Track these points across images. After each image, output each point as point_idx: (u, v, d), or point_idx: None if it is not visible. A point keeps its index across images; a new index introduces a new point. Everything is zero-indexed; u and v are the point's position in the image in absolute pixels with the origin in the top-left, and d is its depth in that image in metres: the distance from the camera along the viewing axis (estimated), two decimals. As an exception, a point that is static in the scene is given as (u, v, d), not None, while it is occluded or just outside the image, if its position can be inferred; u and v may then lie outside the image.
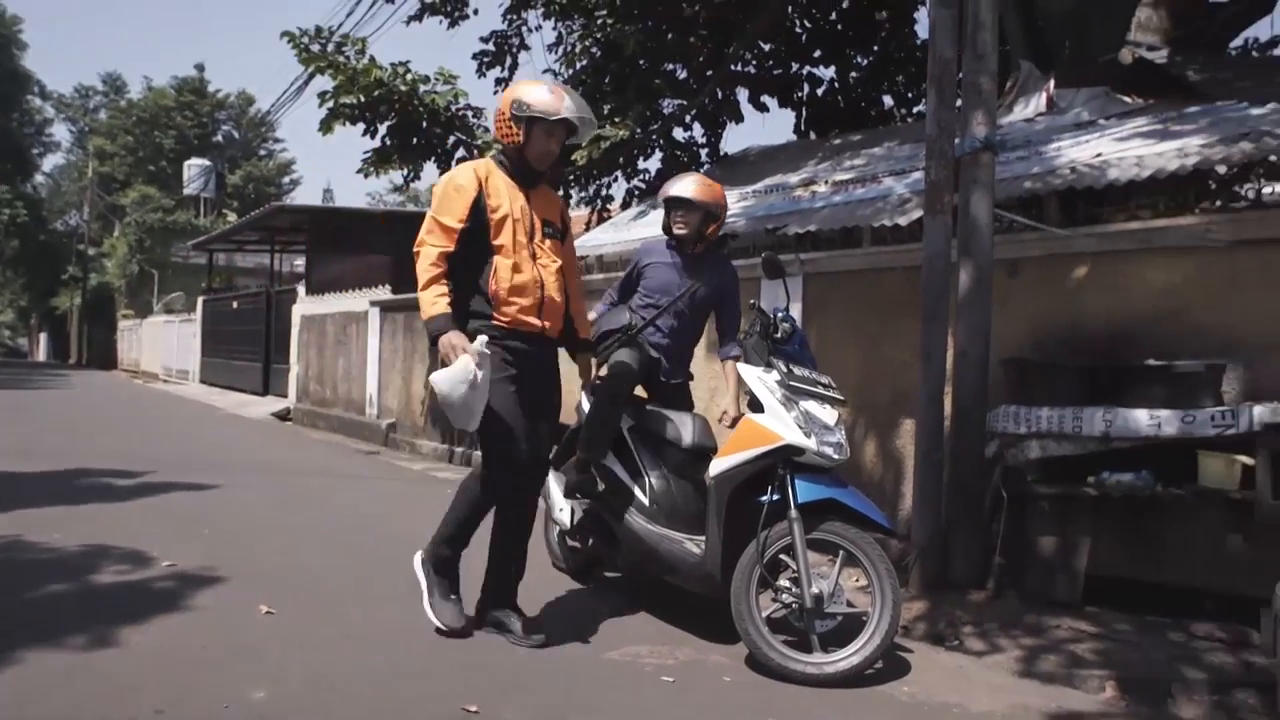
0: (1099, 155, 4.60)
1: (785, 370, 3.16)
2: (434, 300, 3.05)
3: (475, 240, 3.10)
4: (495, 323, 3.12)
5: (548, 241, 3.25)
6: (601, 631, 3.41)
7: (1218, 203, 4.91)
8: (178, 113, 37.15)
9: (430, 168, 8.28)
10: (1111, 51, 5.85)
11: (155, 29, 72.99)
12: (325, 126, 7.72)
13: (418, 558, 3.40)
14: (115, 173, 36.26)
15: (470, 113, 7.99)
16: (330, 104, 7.61)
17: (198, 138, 37.46)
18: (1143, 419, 3.39)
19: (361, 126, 7.80)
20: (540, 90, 3.17)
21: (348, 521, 5.47)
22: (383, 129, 7.84)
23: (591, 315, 4.03)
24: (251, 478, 7.00)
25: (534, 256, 3.19)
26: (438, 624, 3.22)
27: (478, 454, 3.98)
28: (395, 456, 9.22)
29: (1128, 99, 5.51)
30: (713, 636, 3.30)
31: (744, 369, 3.29)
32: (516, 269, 3.13)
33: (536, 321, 3.19)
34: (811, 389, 3.15)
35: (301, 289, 13.88)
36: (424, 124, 7.80)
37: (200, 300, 20.27)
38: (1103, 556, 3.51)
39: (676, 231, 3.91)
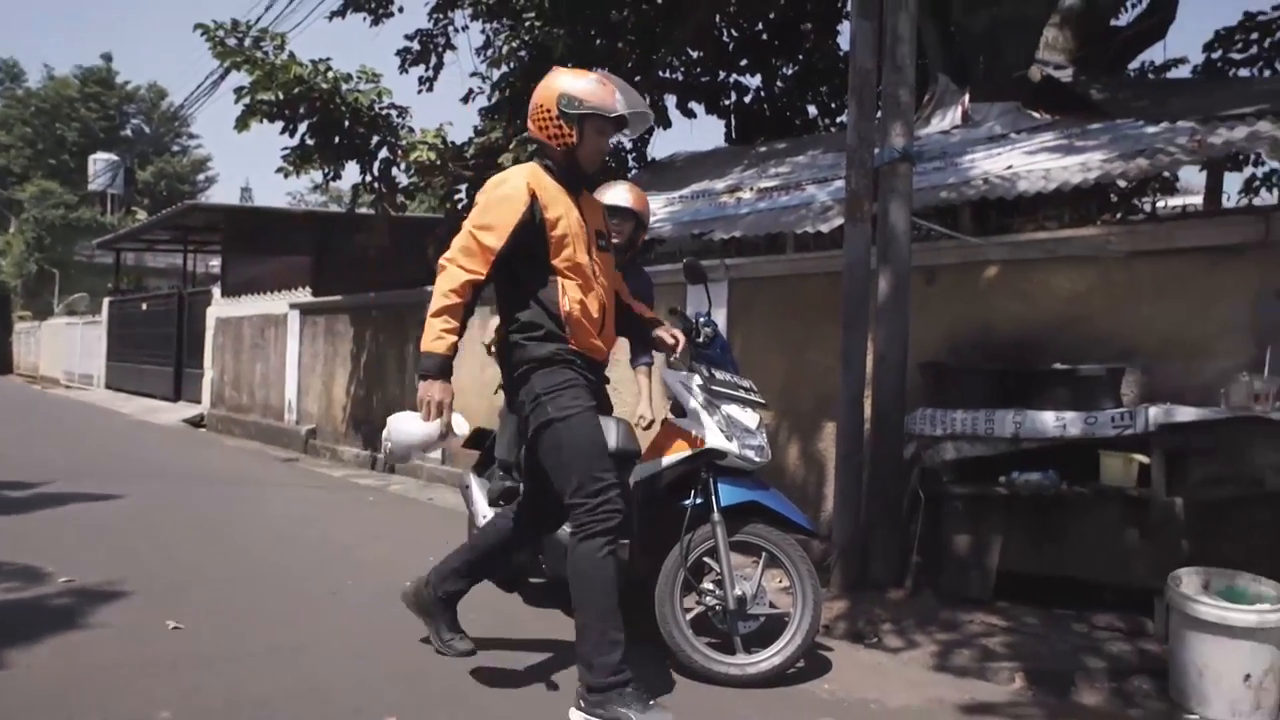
0: (1010, 167, 4.79)
1: (707, 374, 3.18)
2: (439, 334, 2.63)
3: (529, 256, 2.70)
4: (572, 348, 2.73)
5: (601, 255, 2.86)
6: (526, 639, 3.38)
7: (1118, 215, 5.17)
8: (82, 104, 35.40)
9: (352, 167, 8.10)
10: (1022, 69, 6.10)
11: (57, 14, 69.45)
12: (241, 124, 7.47)
13: (409, 596, 3.06)
14: (11, 165, 34.32)
15: (394, 112, 7.84)
16: (247, 100, 7.36)
17: (104, 131, 35.76)
18: (1049, 420, 3.53)
19: (280, 124, 7.58)
20: (589, 83, 2.74)
21: (264, 531, 5.30)
22: (303, 127, 7.62)
23: None
24: (160, 487, 6.71)
25: (594, 274, 2.79)
26: (457, 653, 2.96)
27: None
28: (315, 463, 8.97)
29: (1036, 114, 5.75)
30: (636, 641, 3.29)
31: (666, 373, 3.30)
32: (586, 289, 2.74)
33: (602, 347, 2.85)
34: (733, 393, 3.19)
35: (217, 290, 13.39)
36: (346, 123, 7.61)
37: (106, 301, 19.33)
38: (1013, 553, 3.64)
39: (613, 241, 3.92)
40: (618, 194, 3.89)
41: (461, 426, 2.72)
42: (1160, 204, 7.46)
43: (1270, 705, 2.69)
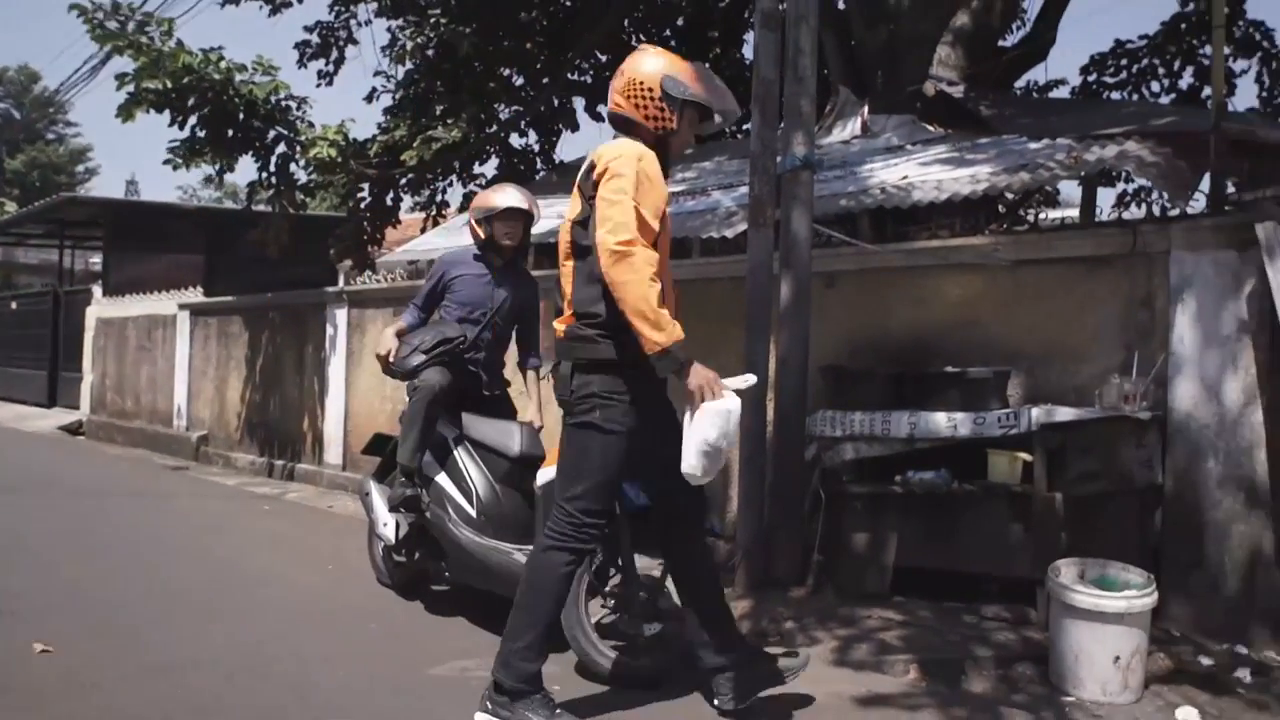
0: (905, 177, 4.98)
1: None
2: (670, 322, 2.43)
3: None
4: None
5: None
6: (428, 647, 3.31)
7: (1004, 225, 5.44)
8: (-57, 87, 32.85)
9: (248, 163, 7.76)
10: (917, 83, 6.35)
11: (-84, -9, 64.01)
12: (125, 113, 7.06)
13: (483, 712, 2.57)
14: None
15: (293, 105, 7.55)
16: (131, 88, 6.96)
17: (-31, 117, 33.27)
18: (941, 421, 3.69)
19: (168, 115, 7.19)
20: (694, 70, 2.63)
21: (151, 544, 5.02)
22: (193, 119, 7.26)
23: (402, 325, 3.99)
24: (32, 499, 6.28)
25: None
26: None
27: (302, 468, 3.78)
28: (207, 471, 8.56)
29: (931, 128, 6.00)
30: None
31: None
32: (668, 291, 2.58)
33: None
34: None
35: (98, 289, 12.63)
36: (240, 116, 7.29)
37: (-29, 300, 17.97)
38: (909, 549, 3.78)
39: (505, 242, 3.94)
40: (510, 197, 3.93)
41: (749, 379, 2.61)
42: (1044, 216, 7.90)
43: (1136, 684, 2.89)
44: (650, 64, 2.61)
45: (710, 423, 2.45)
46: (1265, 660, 3.19)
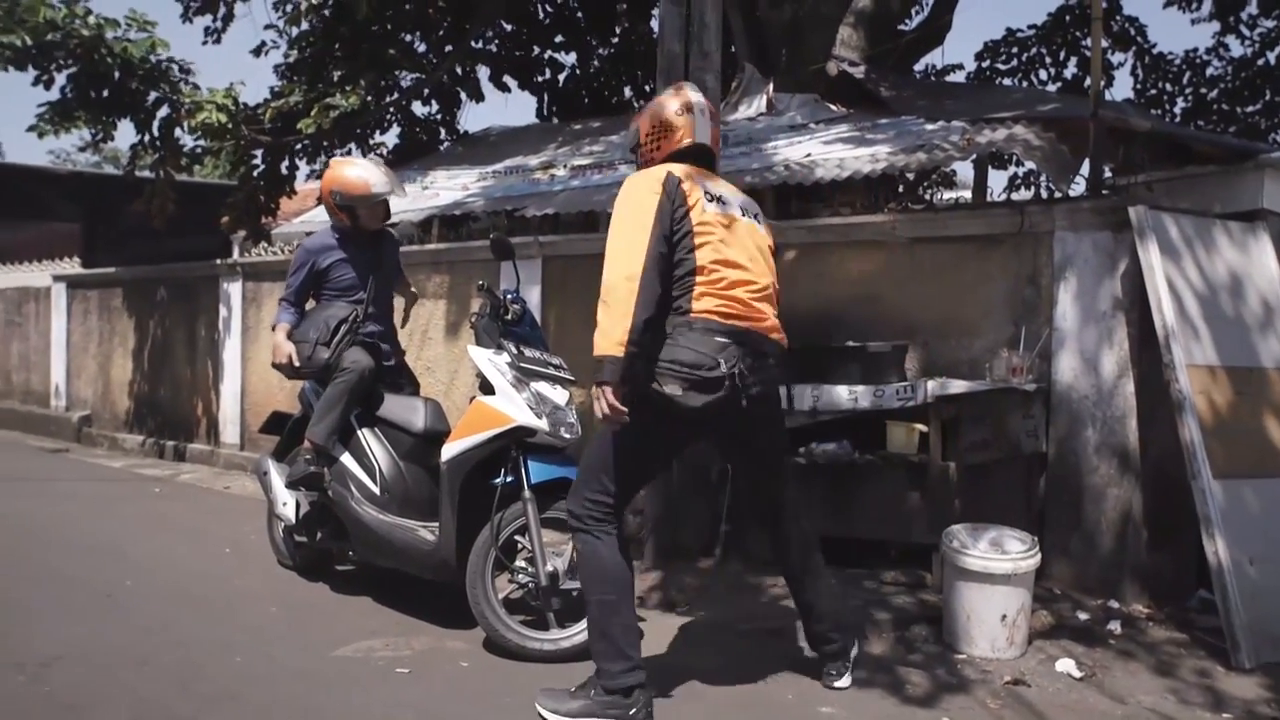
0: (809, 155, 5.07)
1: (515, 352, 3.16)
2: None
3: None
4: None
5: None
6: (332, 629, 3.23)
7: (902, 204, 5.61)
8: None
9: (126, 126, 7.26)
10: (820, 63, 6.46)
11: None
12: (-18, 70, 6.49)
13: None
14: None
15: (176, 67, 7.09)
16: (-14, 43, 6.38)
17: None
18: (843, 394, 3.79)
19: (32, 75, 6.65)
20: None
21: (22, 530, 4.71)
22: (61, 79, 6.73)
23: (286, 326, 3.81)
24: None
25: None
26: None
27: (195, 448, 3.62)
28: (90, 454, 8.08)
29: (834, 107, 6.12)
30: (450, 623, 3.25)
31: (474, 351, 3.24)
32: None
33: None
34: (542, 370, 3.18)
35: (-41, 260, 11.68)
36: (116, 76, 6.79)
37: None
38: (814, 517, 3.84)
39: (372, 226, 3.90)
40: (379, 182, 3.82)
41: None
42: (940, 196, 8.19)
43: (1021, 640, 3.06)
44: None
45: None
46: (1133, 613, 3.43)
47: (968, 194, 7.70)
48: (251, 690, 2.66)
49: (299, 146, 7.88)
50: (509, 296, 3.29)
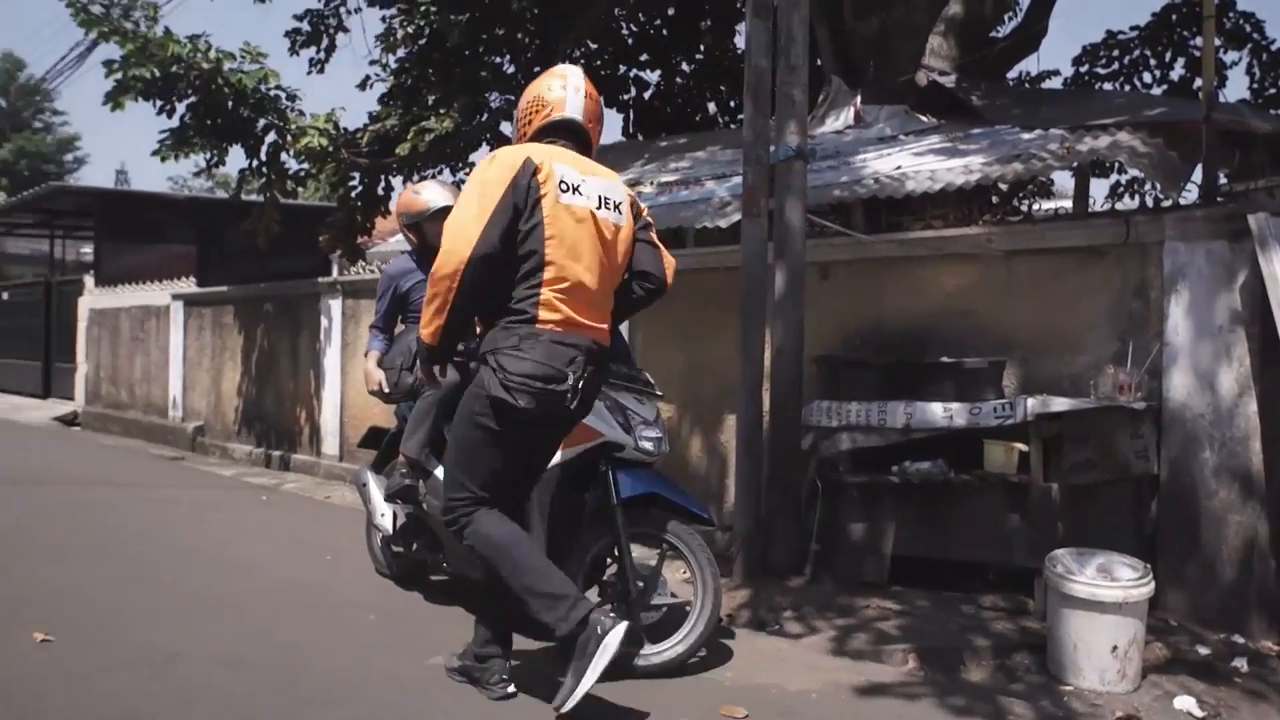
0: (899, 168, 4.98)
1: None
2: None
3: None
4: None
5: None
6: (426, 637, 3.31)
7: (998, 215, 5.44)
8: (-74, 75, 32.42)
9: (238, 152, 7.70)
10: (909, 73, 6.35)
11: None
12: (113, 101, 6.98)
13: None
14: None
15: (283, 95, 7.48)
16: (119, 76, 6.89)
17: (-47, 105, 32.84)
18: (938, 411, 3.70)
19: (157, 104, 7.13)
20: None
21: (146, 535, 5.00)
22: (181, 108, 7.19)
23: (376, 354, 4.00)
24: (27, 490, 6.26)
25: None
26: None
27: (299, 459, 3.79)
28: (203, 462, 8.54)
29: (924, 118, 6.00)
30: (540, 635, 3.28)
31: None
32: None
33: None
34: (630, 385, 3.19)
35: (90, 279, 12.53)
36: (230, 105, 7.22)
37: (-39, 291, 17.83)
38: (906, 539, 3.80)
39: (439, 244, 3.93)
40: (438, 195, 3.90)
41: None
42: (1037, 206, 7.91)
43: (1133, 673, 2.91)
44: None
45: None
46: (1261, 650, 3.22)
47: (1067, 204, 7.42)
48: (351, 695, 2.76)
49: (395, 168, 8.19)
50: None
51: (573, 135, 2.75)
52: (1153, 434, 3.57)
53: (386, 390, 3.87)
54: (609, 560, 3.14)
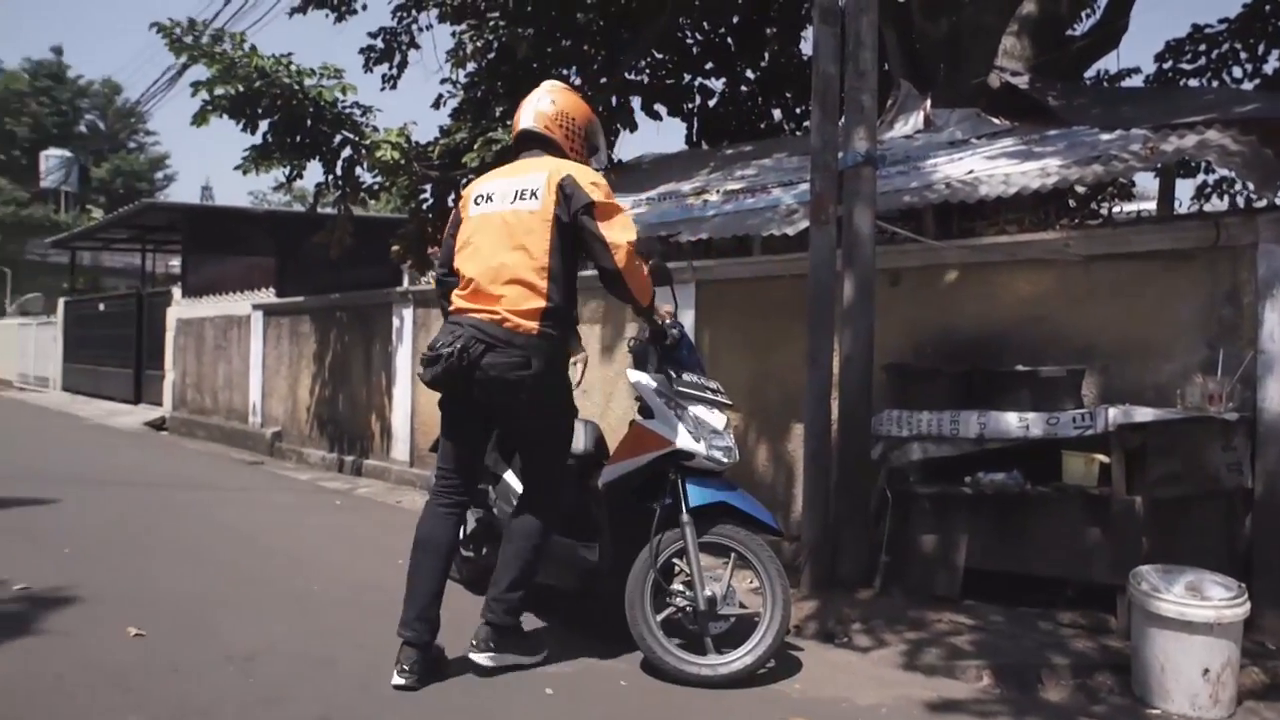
0: (971, 172, 4.87)
1: (674, 376, 3.20)
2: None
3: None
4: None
5: None
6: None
7: (1075, 219, 5.27)
8: (33, 98, 34.42)
9: (315, 166, 7.97)
10: (981, 75, 6.20)
11: (2, 5, 67.45)
12: (200, 119, 7.32)
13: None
14: (-40, 162, 33.29)
15: (358, 110, 7.73)
16: (205, 95, 7.22)
17: (57, 127, 34.79)
18: (1013, 421, 3.60)
19: (240, 121, 7.43)
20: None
21: (228, 536, 5.20)
22: (263, 125, 7.49)
23: None
24: (120, 491, 6.57)
25: None
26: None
27: (371, 464, 3.92)
28: (281, 466, 8.84)
29: (996, 120, 5.85)
30: (608, 643, 3.30)
31: (633, 374, 3.31)
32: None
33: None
34: (700, 394, 3.20)
35: (177, 291, 13.12)
36: (308, 121, 7.49)
37: (62, 301, 18.83)
38: (979, 552, 3.71)
39: None
40: None
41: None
42: (1117, 209, 7.63)
43: (1227, 698, 2.77)
44: (582, 106, 3.29)
45: None
46: (1368, 675, 3.04)
47: (1149, 206, 7.15)
48: (424, 695, 2.82)
49: (463, 180, 8.36)
50: (667, 321, 3.35)
51: (535, 142, 3.13)
52: (1246, 446, 3.40)
53: None
54: (676, 569, 3.14)
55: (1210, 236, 3.55)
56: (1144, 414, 3.37)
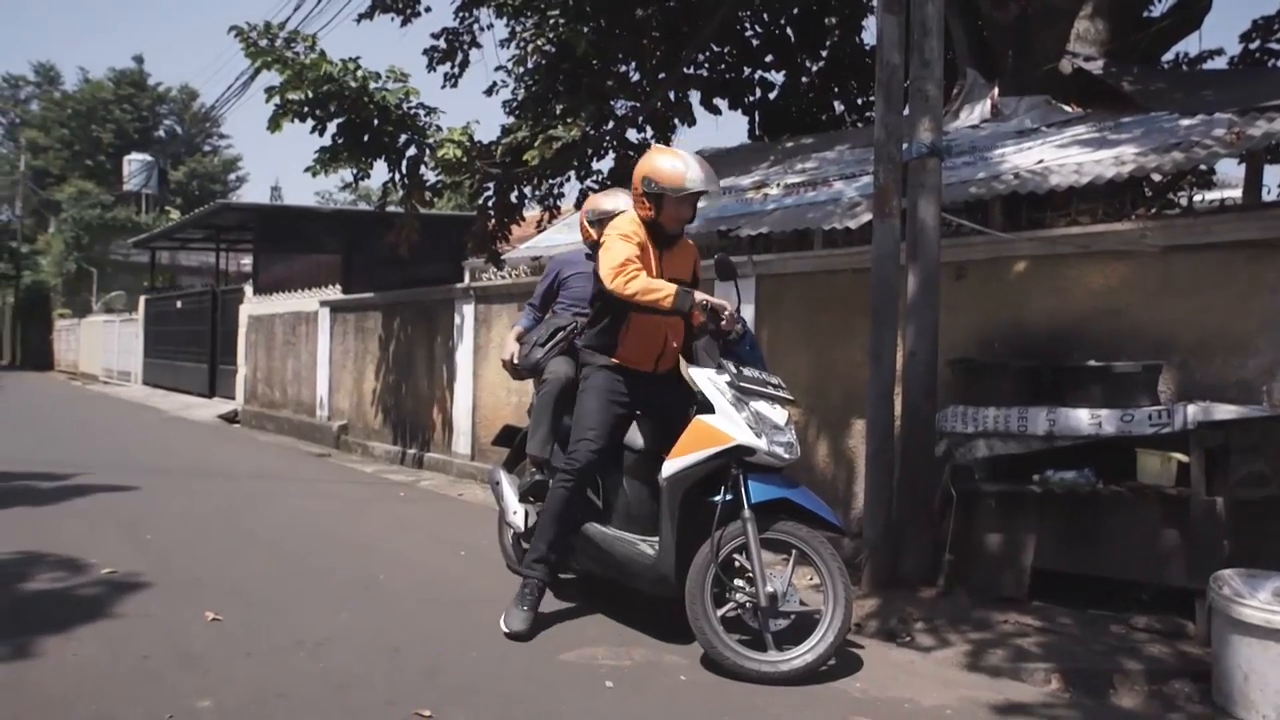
0: (1041, 161, 4.72)
1: (735, 371, 3.18)
2: (663, 288, 3.19)
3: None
4: (615, 362, 3.47)
5: None
6: (557, 634, 3.40)
7: (1152, 209, 5.07)
8: (116, 106, 35.94)
9: (380, 166, 8.15)
10: (1052, 61, 6.00)
11: (88, 18, 70.60)
12: (274, 124, 7.54)
13: None
14: (50, 167, 34.93)
15: (422, 111, 7.88)
16: (277, 100, 7.44)
17: (138, 132, 36.30)
18: (1084, 418, 3.49)
19: (310, 124, 7.64)
20: (669, 161, 3.38)
21: (298, 526, 5.37)
22: (332, 127, 7.68)
23: (519, 329, 4.17)
24: (196, 481, 6.84)
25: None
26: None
27: (433, 457, 4.02)
28: (347, 459, 9.08)
29: (1067, 107, 5.66)
30: (668, 637, 3.31)
31: (694, 371, 3.30)
32: (647, 322, 3.40)
33: (649, 365, 3.49)
34: (761, 389, 3.18)
35: (249, 288, 13.58)
36: (375, 122, 7.65)
37: (142, 299, 19.68)
38: (1047, 552, 3.60)
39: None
40: (622, 201, 3.96)
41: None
42: (1197, 198, 7.32)
43: (1315, 709, 2.64)
44: (639, 168, 3.44)
45: None
46: None
47: (1232, 194, 6.84)
48: (488, 686, 2.86)
49: (524, 177, 8.45)
50: (724, 317, 3.33)
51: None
52: (1338, 446, 3.23)
53: (515, 363, 4.05)
54: (737, 564, 3.12)
55: (1300, 226, 3.38)
56: (1226, 411, 3.23)
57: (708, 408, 3.18)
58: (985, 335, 4.21)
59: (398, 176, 8.12)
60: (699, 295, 3.20)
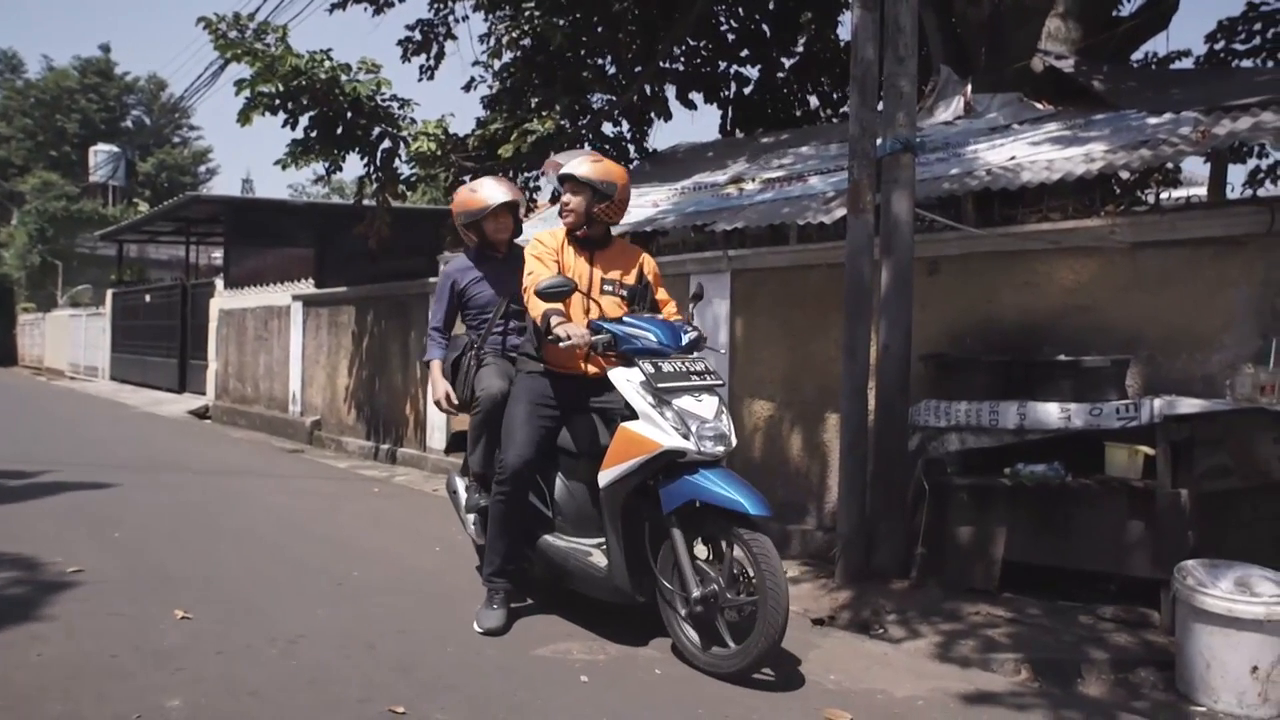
0: (1013, 158, 4.77)
1: (653, 370, 3.06)
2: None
3: None
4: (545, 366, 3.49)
5: (604, 297, 3.45)
6: (531, 629, 3.40)
7: (1121, 206, 5.14)
8: (82, 95, 35.25)
9: (354, 159, 8.07)
10: (1024, 59, 6.06)
11: (53, 4, 69.17)
12: (244, 118, 7.43)
13: None
14: (13, 158, 34.21)
15: (396, 104, 7.80)
16: (248, 94, 7.33)
17: (105, 122, 35.63)
18: (1054, 412, 3.54)
19: (281, 117, 7.55)
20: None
21: (270, 522, 5.32)
22: (304, 120, 7.59)
23: (435, 362, 3.86)
24: (167, 478, 6.74)
25: (587, 310, 3.40)
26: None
27: (406, 452, 3.94)
28: (320, 454, 8.99)
29: (1039, 105, 5.72)
30: (642, 632, 3.32)
31: (614, 373, 3.18)
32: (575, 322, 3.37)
33: (579, 365, 3.43)
34: (683, 383, 3.06)
35: (220, 282, 13.39)
36: (347, 114, 7.57)
37: (110, 293, 19.34)
38: (1018, 544, 3.65)
39: (500, 238, 3.89)
40: (496, 192, 3.82)
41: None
42: (1164, 195, 7.43)
43: (1277, 697, 2.70)
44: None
45: None
46: None
47: (1197, 192, 6.95)
48: (463, 681, 2.85)
49: (500, 170, 8.41)
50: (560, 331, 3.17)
51: None
52: (1298, 438, 3.30)
53: (455, 403, 3.77)
54: (708, 556, 3.12)
55: (1264, 222, 3.44)
56: (1191, 405, 3.29)
57: (632, 414, 3.09)
58: (958, 330, 4.25)
59: (372, 169, 8.04)
60: (554, 320, 3.18)
